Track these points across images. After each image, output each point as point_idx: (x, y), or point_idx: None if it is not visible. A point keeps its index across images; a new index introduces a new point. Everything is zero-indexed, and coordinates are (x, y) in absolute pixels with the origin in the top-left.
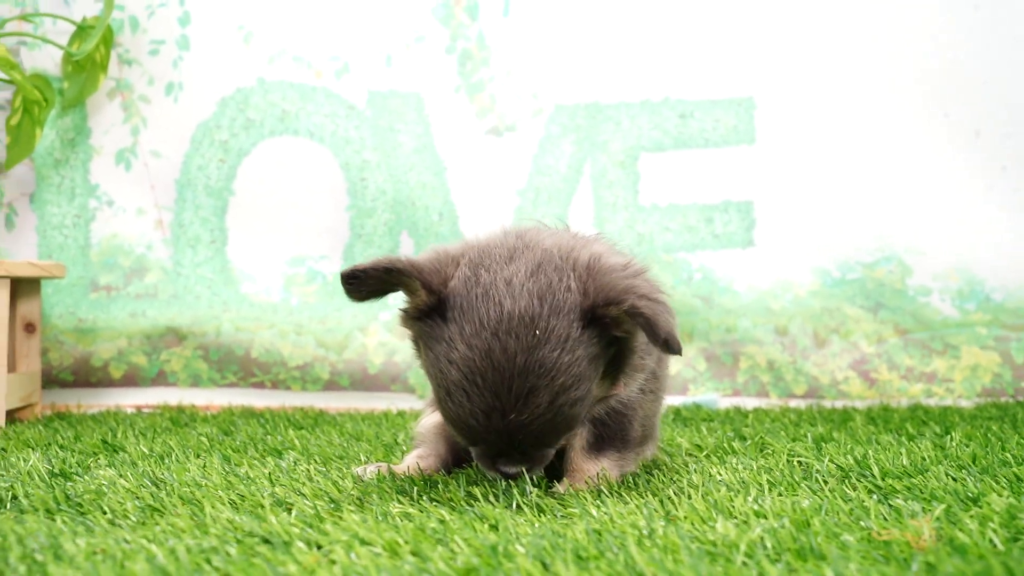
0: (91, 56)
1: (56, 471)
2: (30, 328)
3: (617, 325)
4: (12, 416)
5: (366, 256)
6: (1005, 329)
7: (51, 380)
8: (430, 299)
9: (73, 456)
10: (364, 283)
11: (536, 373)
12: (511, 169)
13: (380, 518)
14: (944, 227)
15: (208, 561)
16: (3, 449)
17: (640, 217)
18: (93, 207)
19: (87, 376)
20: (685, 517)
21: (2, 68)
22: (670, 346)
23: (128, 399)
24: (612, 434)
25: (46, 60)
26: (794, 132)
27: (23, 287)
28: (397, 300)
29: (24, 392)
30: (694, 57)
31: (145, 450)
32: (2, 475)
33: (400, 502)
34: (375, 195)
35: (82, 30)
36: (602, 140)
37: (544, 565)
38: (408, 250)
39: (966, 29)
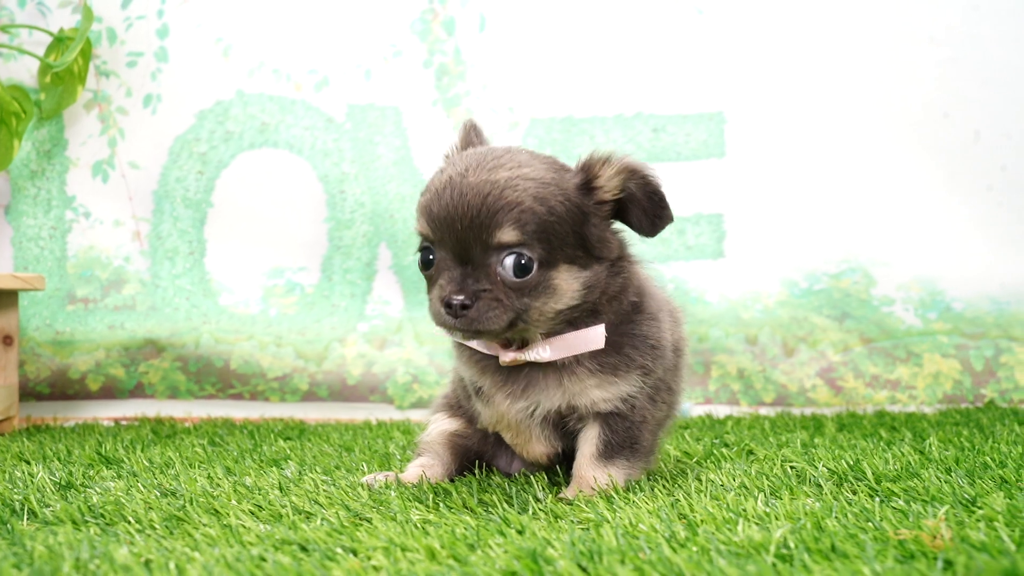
0: (69, 67)
1: (63, 483)
2: (8, 340)
3: (609, 189)
4: None
5: (344, 268)
6: (965, 338)
7: (27, 393)
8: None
9: (76, 468)
10: None
11: (504, 158)
12: None
13: (408, 525)
14: (906, 239)
15: (259, 568)
16: None
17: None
18: (70, 219)
19: (64, 388)
20: (702, 521)
21: None
22: (662, 204)
23: (105, 411)
24: (622, 442)
25: (21, 71)
26: (762, 146)
27: (1, 300)
28: (373, 310)
29: (3, 405)
30: (666, 73)
31: (145, 462)
32: (10, 487)
33: (418, 509)
34: (354, 207)
35: (59, 41)
36: (577, 153)
37: (582, 568)
38: (386, 262)
39: (916, 54)
